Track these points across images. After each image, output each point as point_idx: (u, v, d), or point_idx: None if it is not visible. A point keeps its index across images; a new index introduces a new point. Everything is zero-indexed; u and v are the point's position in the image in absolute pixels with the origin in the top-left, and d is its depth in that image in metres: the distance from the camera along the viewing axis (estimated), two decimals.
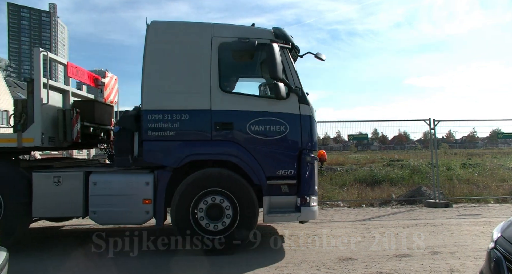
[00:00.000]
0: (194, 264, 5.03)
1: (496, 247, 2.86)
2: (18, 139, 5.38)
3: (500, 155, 24.00)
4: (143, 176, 5.36)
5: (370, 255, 5.26)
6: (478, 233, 6.52)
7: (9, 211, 5.35)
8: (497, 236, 2.98)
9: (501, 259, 2.73)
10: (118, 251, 5.61)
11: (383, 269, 4.66)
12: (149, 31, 5.48)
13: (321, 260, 5.05)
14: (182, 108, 5.37)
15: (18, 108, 5.62)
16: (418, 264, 4.86)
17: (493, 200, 10.32)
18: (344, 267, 4.80)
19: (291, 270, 4.72)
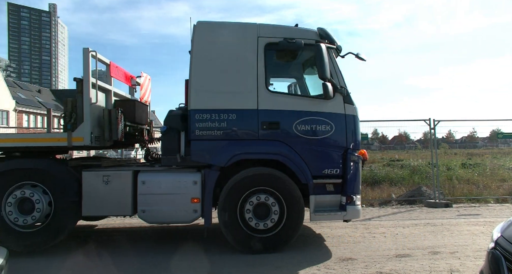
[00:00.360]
0: (194, 264, 5.03)
1: (496, 247, 2.86)
2: (68, 138, 5.44)
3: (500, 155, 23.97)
4: (191, 175, 5.43)
5: (370, 255, 5.26)
6: (478, 233, 6.52)
7: (59, 210, 5.41)
8: (497, 236, 2.97)
9: (501, 259, 2.72)
10: (118, 251, 5.62)
11: (383, 269, 4.66)
12: (195, 31, 5.54)
13: (321, 260, 5.06)
14: (229, 107, 5.42)
15: (68, 108, 5.66)
16: (418, 264, 4.86)
17: (493, 200, 10.32)
18: (344, 267, 4.80)
19: (291, 269, 4.72)
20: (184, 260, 5.16)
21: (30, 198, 5.33)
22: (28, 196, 5.33)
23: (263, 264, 4.93)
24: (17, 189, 5.39)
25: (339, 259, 5.09)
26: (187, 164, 5.52)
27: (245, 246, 5.32)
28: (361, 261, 5.02)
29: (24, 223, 5.31)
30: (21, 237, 5.34)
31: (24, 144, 5.58)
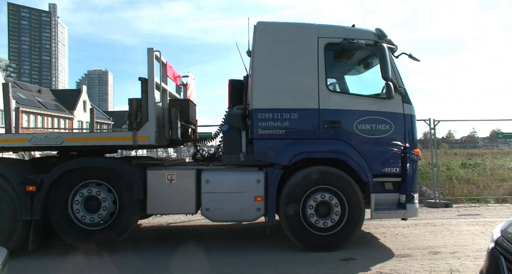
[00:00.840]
0: (193, 264, 5.03)
1: (496, 247, 2.86)
2: (134, 137, 5.49)
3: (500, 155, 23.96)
4: (254, 173, 5.51)
5: (370, 255, 5.26)
6: (478, 233, 6.52)
7: (124, 208, 5.45)
8: (497, 236, 2.97)
9: (501, 259, 2.72)
10: (118, 251, 5.62)
11: (383, 269, 4.66)
12: (256, 32, 5.61)
13: (321, 260, 5.05)
14: (291, 107, 5.50)
15: (133, 107, 5.69)
16: (418, 264, 4.86)
17: (493, 200, 10.31)
18: (344, 267, 4.80)
19: (291, 269, 4.72)
20: (183, 260, 5.16)
21: (96, 197, 5.37)
22: (94, 194, 5.37)
23: (263, 264, 4.93)
24: (82, 187, 5.43)
25: (339, 259, 5.09)
26: (249, 163, 5.58)
27: (305, 243, 5.40)
28: (361, 261, 5.01)
29: (91, 221, 5.34)
30: (87, 235, 5.38)
31: (91, 143, 5.66)
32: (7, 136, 5.59)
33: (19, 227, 5.21)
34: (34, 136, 5.48)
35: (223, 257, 5.28)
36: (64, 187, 5.40)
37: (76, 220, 5.39)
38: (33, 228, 5.26)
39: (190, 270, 4.83)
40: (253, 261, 5.06)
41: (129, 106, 5.69)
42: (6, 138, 5.61)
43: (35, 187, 5.22)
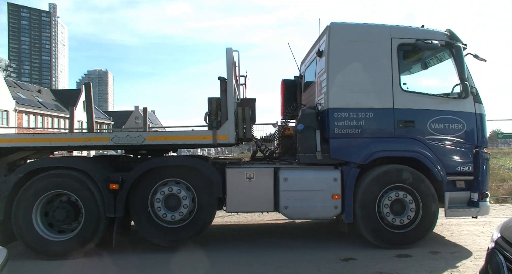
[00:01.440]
0: (194, 263, 5.04)
1: (496, 247, 2.86)
2: (213, 136, 5.55)
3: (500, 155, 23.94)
4: (331, 172, 5.60)
5: (370, 255, 5.26)
6: (478, 233, 6.52)
7: (203, 206, 5.52)
8: (497, 236, 2.97)
9: (501, 259, 2.72)
10: (118, 251, 5.62)
11: (383, 269, 4.66)
12: (331, 32, 5.69)
13: (321, 260, 5.06)
14: (367, 106, 5.61)
15: (213, 106, 5.73)
16: (418, 264, 4.86)
17: (493, 200, 10.30)
18: (344, 266, 4.81)
19: (291, 269, 4.72)
20: (184, 260, 5.17)
21: (176, 195, 5.45)
22: (175, 192, 5.45)
23: (263, 264, 4.93)
24: (162, 186, 5.51)
25: (339, 259, 5.09)
26: (324, 162, 5.63)
27: (381, 240, 5.48)
28: (361, 260, 5.01)
29: (172, 219, 5.42)
30: (168, 232, 5.47)
31: (171, 142, 5.73)
32: (90, 135, 5.66)
33: (102, 224, 5.31)
34: (116, 135, 5.55)
35: (223, 256, 5.28)
36: (145, 185, 5.49)
37: (156, 218, 5.49)
38: (116, 226, 5.37)
39: (191, 270, 4.83)
40: (253, 261, 5.06)
41: (208, 105, 5.76)
42: (89, 137, 5.67)
43: (118, 185, 5.32)
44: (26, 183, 5.30)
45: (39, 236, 5.24)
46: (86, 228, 5.27)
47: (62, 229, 5.44)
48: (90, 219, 5.27)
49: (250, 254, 5.40)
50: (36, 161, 5.77)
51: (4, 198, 5.25)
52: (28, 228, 5.22)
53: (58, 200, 5.45)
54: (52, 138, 5.67)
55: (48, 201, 5.43)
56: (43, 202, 5.36)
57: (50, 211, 5.38)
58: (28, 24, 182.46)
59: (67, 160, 5.65)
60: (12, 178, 5.33)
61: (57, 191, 5.36)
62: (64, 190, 5.35)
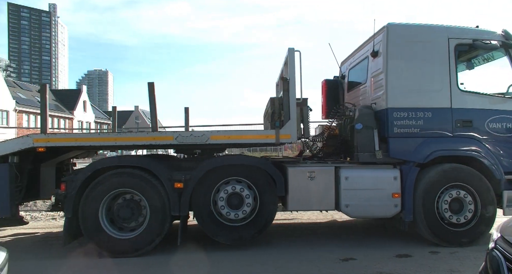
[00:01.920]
0: (194, 263, 5.04)
1: (496, 247, 2.85)
2: (277, 135, 5.62)
3: None
4: (391, 171, 5.69)
5: (370, 255, 5.26)
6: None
7: (265, 205, 5.57)
8: (497, 236, 2.97)
9: (501, 259, 2.72)
10: None
11: (383, 269, 4.66)
12: (389, 33, 5.78)
13: (321, 260, 5.06)
14: (425, 106, 5.70)
15: (276, 106, 5.79)
16: (418, 264, 4.86)
17: None
18: (344, 267, 4.81)
19: (291, 269, 4.72)
20: (184, 259, 5.17)
21: (239, 193, 5.52)
22: (238, 191, 5.52)
23: (263, 264, 4.93)
24: (224, 184, 5.58)
25: (339, 259, 5.09)
26: (383, 161, 5.71)
27: (439, 238, 5.56)
28: (361, 260, 5.01)
29: (235, 217, 5.49)
30: (231, 231, 5.54)
31: (234, 141, 5.80)
32: (154, 134, 5.69)
33: (167, 223, 5.39)
34: (180, 134, 5.62)
35: (224, 256, 5.29)
36: (208, 184, 5.56)
37: (218, 216, 5.55)
38: (181, 224, 5.47)
39: (191, 270, 4.83)
40: (253, 261, 5.06)
41: (271, 105, 5.81)
42: (153, 136, 5.69)
43: (183, 184, 5.40)
44: (93, 182, 5.37)
45: (106, 234, 5.33)
46: (152, 226, 5.34)
47: (122, 227, 5.50)
48: (156, 217, 5.35)
49: (250, 254, 5.40)
50: (102, 160, 5.80)
51: (72, 196, 5.32)
52: (95, 226, 5.31)
53: (120, 199, 5.52)
54: (117, 137, 5.70)
55: (111, 200, 5.49)
56: (108, 201, 5.44)
57: (115, 209, 5.46)
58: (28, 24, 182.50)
59: (133, 159, 5.70)
60: (79, 176, 5.39)
61: (122, 190, 5.44)
62: (129, 189, 5.43)
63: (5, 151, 5.48)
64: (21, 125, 42.67)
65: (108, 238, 5.31)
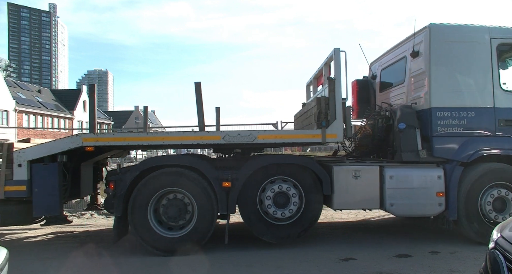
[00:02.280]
0: (194, 264, 5.04)
1: (496, 247, 2.85)
2: (323, 135, 5.67)
3: None
4: (435, 170, 5.74)
5: (370, 255, 5.26)
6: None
7: (311, 203, 5.65)
8: (497, 236, 2.97)
9: (501, 259, 2.72)
10: (118, 251, 5.62)
11: (383, 269, 4.67)
12: (431, 33, 5.85)
13: (321, 260, 5.06)
14: (468, 105, 5.78)
15: (322, 106, 5.81)
16: (418, 264, 4.86)
17: None
18: (344, 266, 4.81)
19: (291, 269, 4.73)
20: (184, 260, 5.17)
21: (286, 192, 5.58)
22: (285, 190, 5.58)
23: (263, 264, 4.93)
24: (270, 183, 5.64)
25: (339, 259, 5.09)
26: (426, 160, 5.76)
27: (485, 238, 5.50)
28: (361, 261, 5.02)
29: (282, 216, 5.54)
30: (277, 229, 5.60)
31: (281, 140, 5.87)
32: (202, 134, 5.74)
33: (214, 221, 5.48)
34: (228, 134, 5.65)
35: (224, 256, 5.29)
36: (254, 183, 5.62)
37: (264, 215, 5.60)
38: (228, 223, 5.58)
39: (191, 270, 4.83)
40: (253, 261, 5.06)
41: (317, 105, 5.86)
42: (201, 136, 5.72)
43: (230, 183, 5.45)
44: (141, 181, 5.43)
45: (154, 233, 5.38)
46: (200, 225, 5.41)
47: (170, 226, 5.54)
48: (203, 216, 5.41)
49: (251, 254, 5.40)
50: (150, 159, 5.84)
51: (121, 195, 5.38)
52: (144, 225, 5.37)
53: (164, 199, 5.54)
54: (165, 137, 5.76)
55: (158, 199, 5.53)
56: (155, 200, 5.48)
57: (163, 208, 5.49)
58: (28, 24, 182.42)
59: (181, 158, 5.78)
60: (127, 176, 5.44)
61: (170, 189, 5.48)
62: (177, 188, 5.47)
63: (55, 150, 5.54)
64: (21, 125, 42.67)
65: (157, 236, 5.37)
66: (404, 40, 6.54)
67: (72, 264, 5.05)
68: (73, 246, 6.07)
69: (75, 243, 6.30)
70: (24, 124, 43.39)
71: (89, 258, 5.33)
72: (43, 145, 5.64)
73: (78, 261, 5.21)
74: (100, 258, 5.34)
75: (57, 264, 5.07)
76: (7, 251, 3.26)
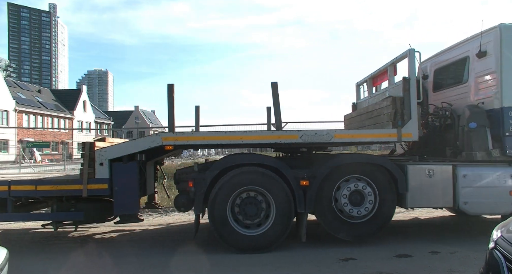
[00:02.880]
0: (194, 264, 5.03)
1: (496, 247, 2.85)
2: (398, 134, 5.76)
3: None
4: (507, 169, 5.81)
5: (370, 255, 5.26)
6: (477, 233, 6.51)
7: (385, 202, 5.71)
8: (497, 236, 2.97)
9: (501, 259, 2.72)
10: (118, 251, 5.62)
11: (383, 269, 4.66)
12: (502, 33, 5.89)
13: (321, 260, 5.06)
14: None
15: (398, 105, 5.87)
16: (418, 264, 4.86)
17: None
18: (344, 266, 4.81)
19: (291, 269, 4.73)
20: (183, 260, 5.17)
21: (361, 191, 5.64)
22: (360, 189, 5.63)
23: (263, 264, 4.93)
24: (344, 182, 5.71)
25: (339, 259, 5.09)
26: (498, 159, 5.83)
27: None
28: (361, 261, 5.01)
29: (358, 214, 5.61)
30: (352, 227, 5.67)
31: (357, 140, 6.01)
32: (280, 133, 5.79)
33: (291, 220, 5.53)
34: (305, 133, 5.71)
35: (224, 256, 5.28)
36: (330, 181, 5.68)
37: (339, 213, 5.67)
38: (305, 221, 5.62)
39: (191, 271, 4.83)
40: (253, 261, 5.06)
41: (392, 104, 5.94)
42: (279, 135, 5.77)
43: (308, 182, 5.50)
44: (220, 179, 5.50)
45: (234, 231, 5.44)
46: (278, 223, 5.46)
47: (247, 225, 5.56)
48: (282, 214, 5.46)
49: (250, 254, 5.39)
50: (230, 158, 5.88)
51: (202, 193, 5.45)
52: (224, 223, 5.42)
53: (239, 197, 5.57)
54: (243, 136, 5.78)
55: (235, 197, 5.57)
56: (234, 198, 5.53)
57: (239, 207, 5.55)
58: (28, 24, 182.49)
59: (260, 157, 5.92)
60: (208, 174, 5.50)
61: (248, 187, 5.53)
62: (256, 186, 5.52)
63: (135, 149, 5.62)
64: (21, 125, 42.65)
65: (236, 234, 5.43)
66: (464, 40, 6.61)
67: (72, 264, 5.05)
68: (73, 246, 6.06)
69: (75, 243, 6.30)
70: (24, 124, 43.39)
71: (89, 258, 5.33)
72: (124, 144, 5.79)
73: (78, 261, 5.21)
74: (100, 258, 5.33)
75: (57, 264, 5.07)
76: (7, 251, 3.27)
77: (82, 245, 6.08)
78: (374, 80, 7.82)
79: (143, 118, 75.83)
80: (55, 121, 50.41)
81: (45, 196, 5.67)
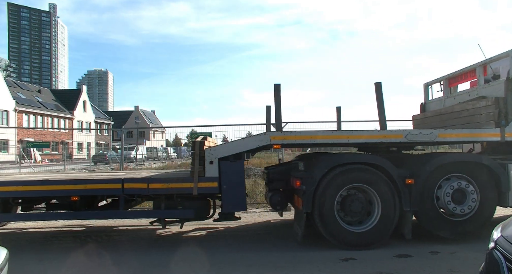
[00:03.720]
0: (193, 264, 5.03)
1: (496, 247, 2.85)
2: (502, 133, 5.87)
3: None
4: None
5: (370, 255, 5.26)
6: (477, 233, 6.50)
7: (486, 200, 5.76)
8: (497, 236, 2.97)
9: (501, 259, 2.72)
10: (118, 251, 5.62)
11: (383, 269, 4.66)
12: None
13: (321, 260, 5.06)
14: None
15: (501, 105, 5.96)
16: (418, 264, 4.86)
17: None
18: (344, 266, 4.81)
19: (291, 269, 4.73)
20: (183, 260, 5.17)
21: (463, 189, 5.69)
22: (463, 187, 5.69)
23: (263, 264, 4.93)
24: (445, 181, 5.76)
25: (339, 259, 5.09)
26: None
27: None
28: (361, 261, 5.01)
29: (461, 212, 5.67)
30: (454, 225, 5.74)
31: (461, 139, 6.15)
32: (385, 132, 5.90)
33: (396, 217, 5.60)
34: (410, 132, 5.86)
35: (224, 256, 5.28)
36: (432, 180, 5.73)
37: (440, 211, 5.75)
38: (411, 219, 5.68)
39: (191, 270, 4.83)
40: (253, 261, 5.06)
41: (496, 104, 6.02)
42: (384, 134, 5.89)
43: (413, 180, 5.59)
44: (326, 177, 5.53)
45: (341, 227, 5.51)
46: (384, 220, 5.54)
47: (349, 222, 5.65)
48: (387, 212, 5.53)
49: (250, 254, 5.40)
50: (337, 157, 5.92)
51: (311, 191, 5.47)
52: (332, 220, 5.49)
53: (339, 195, 5.60)
54: (350, 135, 5.88)
55: (340, 195, 5.63)
56: (339, 195, 5.59)
57: (343, 204, 5.62)
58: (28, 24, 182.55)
59: (367, 156, 5.99)
60: (316, 173, 5.53)
61: (355, 185, 5.60)
62: (361, 184, 5.59)
63: (244, 148, 5.76)
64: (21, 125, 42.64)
65: (344, 231, 5.50)
66: None
67: (72, 264, 5.05)
68: (73, 246, 6.06)
69: (75, 243, 6.30)
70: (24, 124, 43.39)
71: (89, 258, 5.33)
72: (233, 143, 5.99)
73: (78, 261, 5.21)
74: (100, 258, 5.33)
75: (57, 264, 5.07)
76: (7, 251, 3.27)
77: (82, 245, 6.07)
78: (452, 81, 7.85)
79: (143, 118, 75.75)
80: (55, 121, 50.40)
81: (156, 194, 5.75)
